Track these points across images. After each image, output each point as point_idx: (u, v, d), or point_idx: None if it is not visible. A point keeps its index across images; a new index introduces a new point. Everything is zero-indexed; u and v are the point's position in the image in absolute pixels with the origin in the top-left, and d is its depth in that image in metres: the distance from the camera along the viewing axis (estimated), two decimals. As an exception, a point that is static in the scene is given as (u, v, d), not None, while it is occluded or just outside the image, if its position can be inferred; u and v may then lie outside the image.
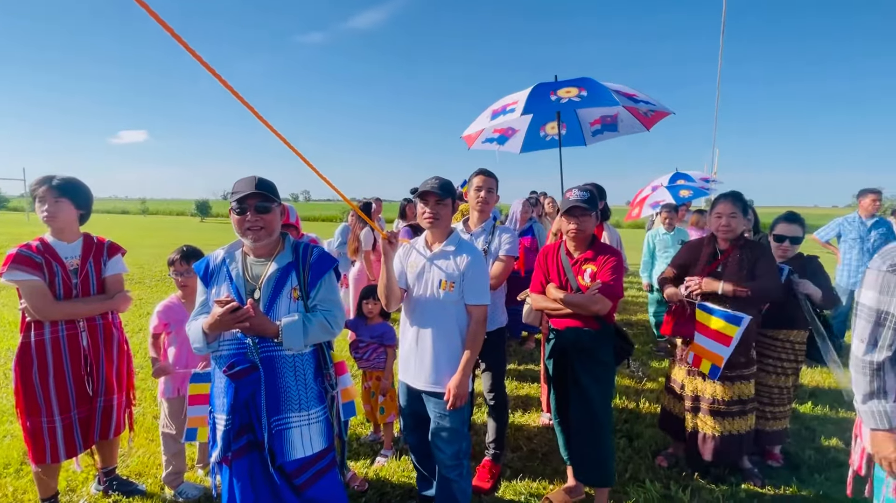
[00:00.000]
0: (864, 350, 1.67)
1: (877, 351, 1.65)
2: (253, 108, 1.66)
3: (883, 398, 1.65)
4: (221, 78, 1.56)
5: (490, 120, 3.55)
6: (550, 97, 3.25)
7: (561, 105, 3.20)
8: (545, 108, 3.36)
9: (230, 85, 1.58)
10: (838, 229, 5.59)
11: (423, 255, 2.34)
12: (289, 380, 1.88)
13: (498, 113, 3.49)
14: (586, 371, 2.54)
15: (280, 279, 1.91)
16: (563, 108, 3.38)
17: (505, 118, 3.34)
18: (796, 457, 3.20)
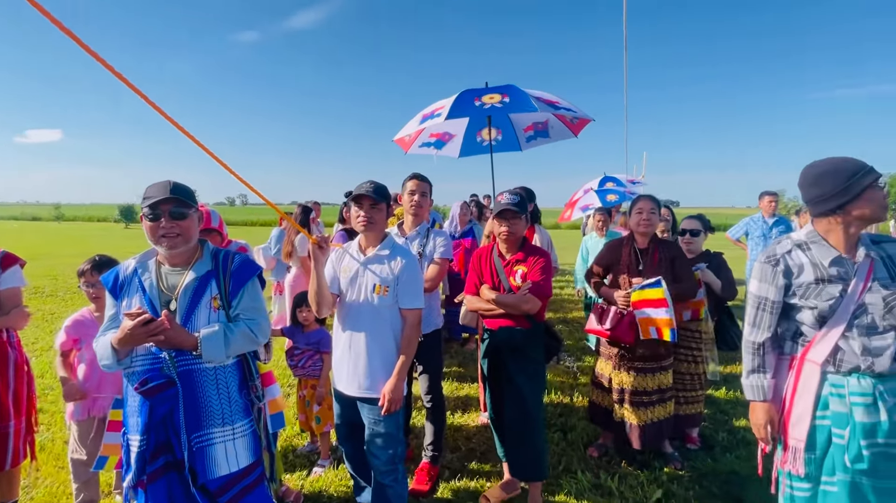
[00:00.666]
0: (749, 331, 1.90)
1: (759, 332, 1.88)
2: (161, 109, 1.58)
3: (762, 373, 1.88)
4: (122, 76, 1.47)
5: (419, 124, 3.61)
6: (475, 103, 3.36)
7: (484, 110, 3.32)
8: (469, 112, 3.48)
9: (131, 82, 1.49)
10: (746, 228, 6.13)
11: (356, 260, 2.32)
12: (210, 394, 1.79)
13: (427, 117, 3.56)
14: (519, 369, 2.63)
15: (198, 288, 1.82)
16: (486, 114, 3.51)
17: (433, 122, 3.41)
18: (711, 439, 3.47)
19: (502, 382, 2.69)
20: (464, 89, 3.72)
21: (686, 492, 2.84)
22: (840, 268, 1.73)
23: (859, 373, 1.70)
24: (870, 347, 1.68)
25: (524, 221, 2.67)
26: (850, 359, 1.70)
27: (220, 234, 3.07)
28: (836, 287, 1.72)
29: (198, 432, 1.76)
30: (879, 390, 1.68)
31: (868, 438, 1.67)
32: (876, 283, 1.68)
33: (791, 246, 1.82)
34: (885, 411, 1.66)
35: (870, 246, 1.73)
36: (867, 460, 1.67)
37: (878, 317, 1.67)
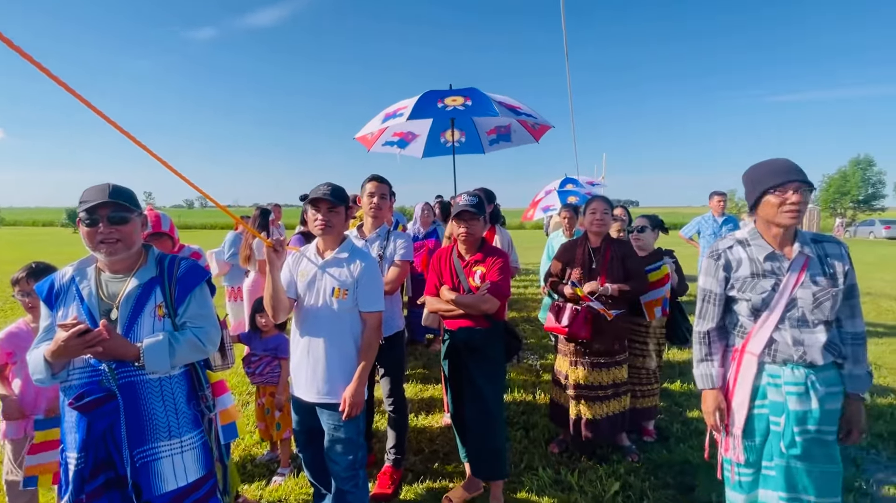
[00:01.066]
0: (697, 323, 2.01)
1: (704, 322, 1.99)
2: (97, 108, 1.50)
3: (710, 362, 1.99)
4: (55, 77, 1.39)
5: (381, 122, 3.60)
6: (437, 104, 3.38)
7: (446, 112, 3.34)
8: (431, 114, 3.49)
9: (62, 80, 1.41)
10: (697, 227, 6.39)
11: (314, 263, 2.28)
12: (155, 407, 1.71)
13: (389, 116, 3.56)
14: (479, 368, 2.64)
15: (142, 296, 1.74)
16: (448, 116, 3.53)
17: (395, 122, 3.40)
18: (666, 431, 3.59)
19: (462, 382, 2.71)
20: (428, 90, 3.73)
21: (642, 483, 2.93)
22: (774, 264, 1.83)
23: (793, 363, 1.80)
24: (801, 339, 1.78)
25: (483, 222, 2.69)
26: (783, 350, 1.81)
27: (171, 238, 2.95)
28: (769, 281, 1.82)
29: (142, 447, 1.68)
30: (811, 380, 1.78)
31: (800, 425, 1.77)
32: (808, 279, 1.78)
33: (733, 242, 1.93)
34: (816, 400, 1.76)
35: (808, 244, 1.82)
36: (800, 446, 1.77)
37: (808, 311, 1.77)
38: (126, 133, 1.62)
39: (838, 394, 1.82)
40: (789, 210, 1.74)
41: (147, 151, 1.67)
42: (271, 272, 2.11)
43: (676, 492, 2.87)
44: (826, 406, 1.79)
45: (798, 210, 1.73)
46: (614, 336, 3.03)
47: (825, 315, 1.77)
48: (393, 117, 3.53)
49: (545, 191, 8.59)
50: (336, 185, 2.25)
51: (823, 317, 1.77)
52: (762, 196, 1.79)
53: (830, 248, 1.83)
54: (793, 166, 1.77)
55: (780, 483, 1.82)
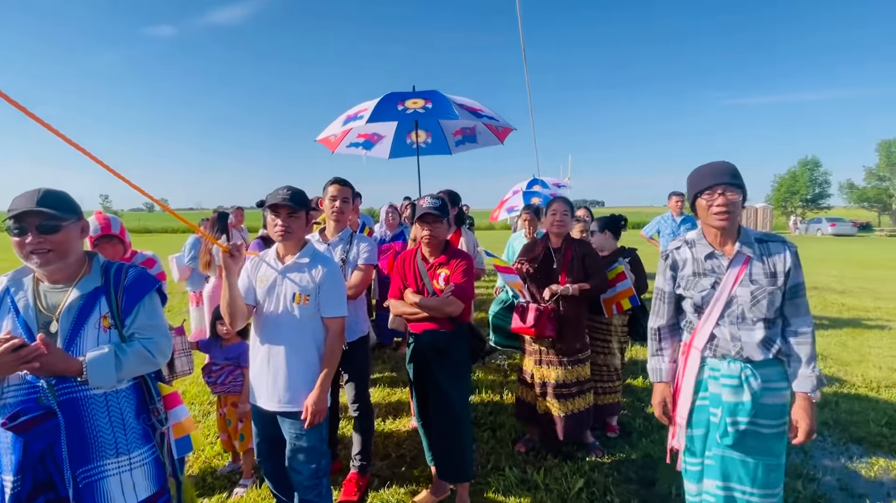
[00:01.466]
0: (650, 319, 2.09)
1: (656, 319, 2.08)
2: (40, 119, 1.42)
3: (660, 356, 2.08)
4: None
5: (343, 125, 3.56)
6: (398, 107, 3.37)
7: (407, 115, 3.34)
8: (391, 116, 3.49)
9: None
10: (657, 226, 6.59)
11: (274, 269, 2.22)
12: (101, 423, 1.63)
13: (351, 118, 3.53)
14: (444, 371, 2.64)
15: (85, 307, 1.65)
16: (409, 118, 3.53)
17: (356, 124, 3.37)
18: (629, 426, 3.68)
19: (428, 385, 2.70)
20: (390, 91, 3.71)
21: (606, 479, 2.99)
22: (714, 263, 1.91)
23: (731, 357, 1.88)
24: (738, 335, 1.86)
25: (446, 225, 2.69)
26: (723, 345, 1.89)
27: (121, 241, 2.82)
28: (709, 280, 1.90)
29: (86, 466, 1.59)
30: (745, 374, 1.85)
31: (732, 416, 1.85)
32: (746, 278, 1.84)
33: (681, 243, 2.01)
34: (749, 393, 1.83)
35: (751, 243, 1.88)
36: (732, 436, 1.85)
37: (747, 309, 1.84)
38: (64, 137, 1.54)
39: (779, 390, 1.87)
40: (717, 212, 1.80)
41: (87, 155, 1.59)
42: (228, 278, 2.04)
43: (639, 486, 2.95)
44: (763, 400, 1.84)
45: (726, 211, 1.79)
46: (577, 334, 3.10)
47: (763, 313, 1.82)
48: (354, 119, 3.50)
49: (512, 191, 8.70)
50: (296, 189, 2.20)
51: (762, 315, 1.82)
52: (695, 199, 1.88)
53: (774, 247, 1.86)
54: (723, 169, 1.83)
55: (716, 472, 1.91)
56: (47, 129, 1.51)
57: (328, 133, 3.87)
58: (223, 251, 2.00)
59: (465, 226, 3.80)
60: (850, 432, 3.61)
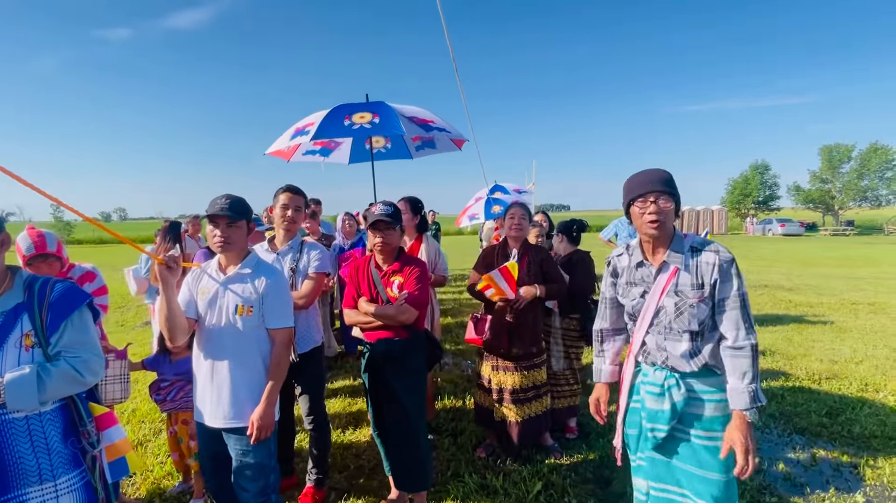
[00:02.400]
0: (595, 321, 2.16)
1: (599, 321, 2.16)
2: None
3: (600, 357, 2.16)
4: None
5: (290, 139, 3.52)
6: (344, 122, 3.37)
7: (352, 130, 3.33)
8: (337, 132, 3.48)
9: None
10: (615, 229, 6.77)
11: (215, 280, 2.15)
12: (21, 449, 1.53)
13: (299, 132, 3.50)
14: (399, 380, 2.62)
15: (4, 325, 1.56)
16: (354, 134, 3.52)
17: (303, 139, 3.34)
18: (587, 427, 3.74)
19: (382, 395, 2.67)
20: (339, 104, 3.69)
21: (563, 480, 3.03)
22: (644, 272, 1.92)
23: (658, 366, 1.92)
24: (663, 346, 1.88)
25: (398, 232, 2.68)
26: (652, 353, 1.93)
27: (58, 258, 2.68)
28: (639, 289, 1.93)
29: (5, 496, 1.49)
30: (668, 383, 1.86)
31: (651, 422, 1.90)
32: (672, 289, 1.83)
33: (622, 250, 2.04)
34: (669, 402, 1.85)
35: (682, 252, 1.82)
36: (652, 442, 1.91)
37: (672, 319, 1.84)
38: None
39: (712, 401, 1.84)
40: (648, 220, 1.78)
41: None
42: (164, 290, 1.97)
43: (595, 485, 3.00)
44: (691, 409, 1.85)
45: (657, 220, 1.76)
46: (532, 340, 3.14)
47: (686, 325, 1.79)
48: (301, 133, 3.47)
49: (475, 198, 8.75)
50: (235, 198, 2.14)
51: (686, 327, 1.79)
52: (629, 206, 1.86)
53: (705, 256, 1.79)
54: (656, 177, 1.80)
55: (648, 473, 1.98)
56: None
57: (278, 146, 3.81)
58: (158, 263, 1.93)
59: (428, 233, 3.78)
60: (794, 423, 3.79)
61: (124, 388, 2.76)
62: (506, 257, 3.23)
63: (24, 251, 2.47)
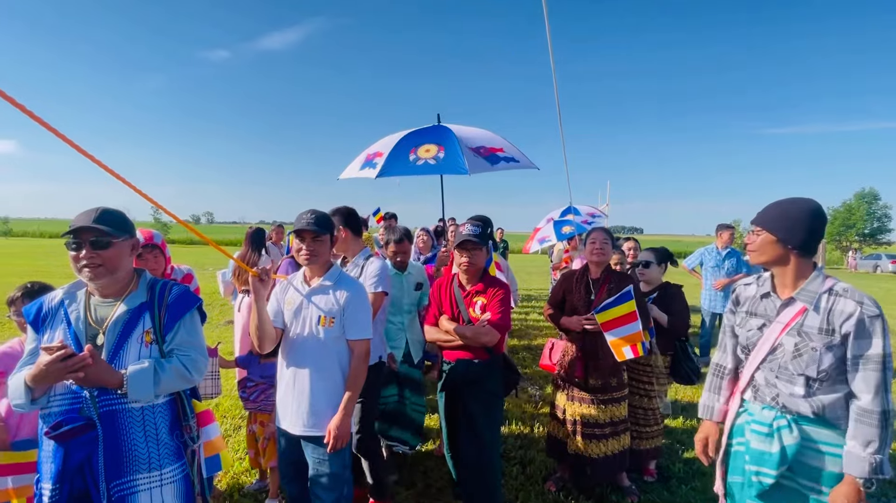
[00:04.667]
0: (716, 353, 2.03)
1: (720, 354, 2.02)
2: (58, 131, 1.50)
3: (714, 394, 2.00)
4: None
5: (359, 169, 3.63)
6: (409, 156, 3.40)
7: (417, 167, 3.35)
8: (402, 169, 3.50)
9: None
10: (700, 258, 6.34)
11: (300, 292, 2.25)
12: (136, 438, 1.66)
13: (368, 161, 3.59)
14: (476, 402, 2.59)
15: (130, 321, 1.71)
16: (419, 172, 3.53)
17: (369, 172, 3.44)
18: (667, 471, 3.47)
19: (458, 416, 2.64)
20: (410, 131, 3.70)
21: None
22: (767, 304, 1.81)
23: (767, 404, 1.78)
24: (777, 385, 1.74)
25: (485, 252, 2.67)
26: (761, 390, 1.79)
27: (163, 253, 2.94)
28: (758, 321, 1.82)
29: (120, 479, 1.62)
30: (779, 423, 1.72)
31: (757, 466, 1.74)
32: (795, 328, 1.70)
33: (752, 280, 1.93)
34: (779, 444, 1.70)
35: (813, 293, 1.69)
36: (757, 488, 1.74)
37: (788, 360, 1.71)
38: (87, 154, 1.61)
39: (829, 455, 1.68)
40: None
41: (97, 162, 1.66)
42: (256, 302, 2.08)
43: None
44: (806, 459, 1.70)
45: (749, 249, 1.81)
46: (611, 372, 2.97)
47: (803, 369, 1.67)
48: (369, 165, 3.54)
49: (546, 219, 8.59)
50: (320, 213, 2.24)
51: (802, 371, 1.67)
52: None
53: (844, 304, 1.63)
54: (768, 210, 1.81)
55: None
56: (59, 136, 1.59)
57: (348, 174, 3.90)
58: (252, 276, 2.04)
59: (496, 251, 3.74)
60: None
61: (216, 384, 2.95)
62: (586, 284, 3.09)
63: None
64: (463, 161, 3.29)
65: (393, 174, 3.60)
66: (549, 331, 7.80)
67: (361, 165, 3.66)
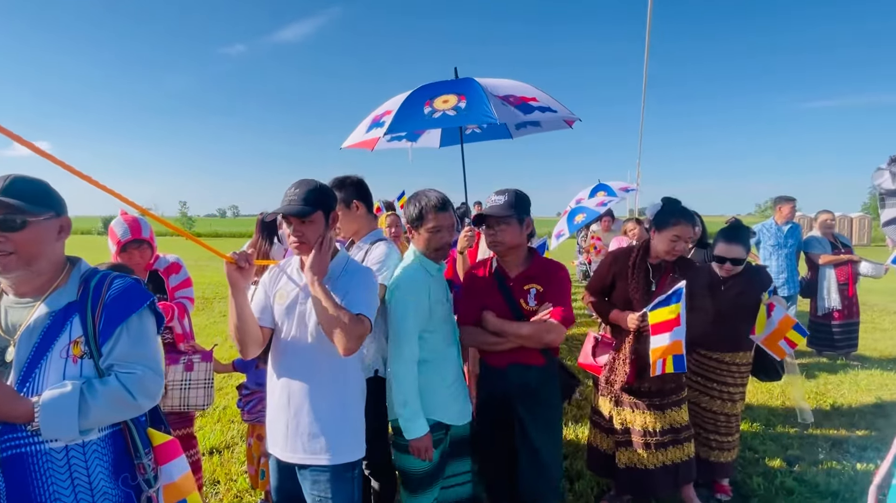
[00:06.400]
0: None
1: None
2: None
3: None
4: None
5: (365, 132, 3.07)
6: (424, 109, 2.81)
7: (434, 120, 2.77)
8: (416, 123, 2.91)
9: None
10: (758, 236, 5.63)
11: (295, 283, 1.76)
12: (59, 489, 1.21)
13: (375, 122, 3.03)
14: (535, 420, 2.08)
15: (51, 328, 1.25)
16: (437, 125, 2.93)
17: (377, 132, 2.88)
18: (744, 486, 2.90)
19: (514, 439, 2.10)
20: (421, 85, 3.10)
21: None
22: None
23: None
24: None
25: (518, 226, 2.08)
26: None
27: (150, 246, 2.53)
28: None
29: None
30: None
31: None
32: None
33: None
34: None
35: None
36: None
37: None
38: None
39: None
40: None
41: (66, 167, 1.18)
42: (234, 296, 1.61)
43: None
44: None
45: None
46: (670, 376, 2.40)
47: None
48: (377, 125, 2.97)
49: (575, 200, 7.97)
50: (310, 187, 1.69)
51: None
52: None
53: None
54: None
55: None
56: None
57: (354, 139, 3.34)
58: (227, 262, 1.57)
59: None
60: None
61: (208, 394, 2.51)
62: (645, 271, 2.50)
63: (120, 236, 2.38)
64: (489, 108, 2.71)
65: (405, 129, 3.05)
66: (583, 321, 7.21)
67: (368, 128, 3.12)
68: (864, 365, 5.22)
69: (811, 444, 3.43)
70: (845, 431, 3.64)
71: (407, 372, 1.88)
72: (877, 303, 8.39)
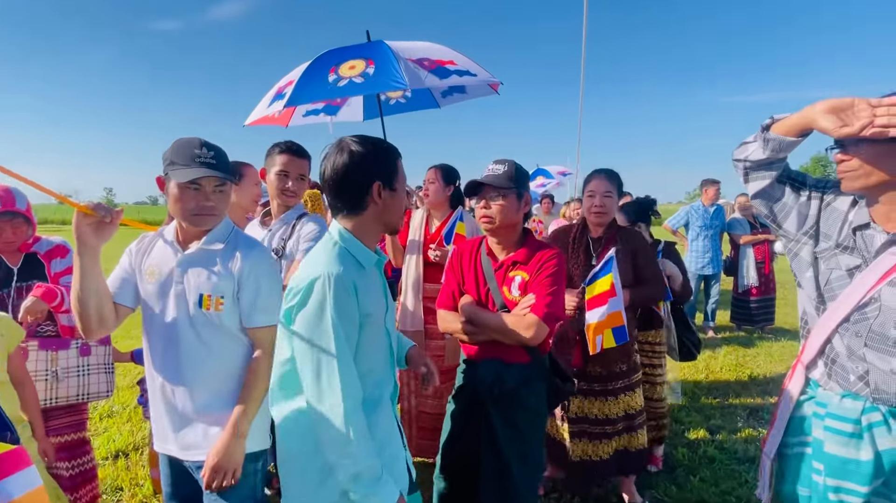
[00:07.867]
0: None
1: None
2: None
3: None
4: None
5: (268, 106, 2.80)
6: (329, 76, 2.56)
7: (339, 89, 2.53)
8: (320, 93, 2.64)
9: None
10: (686, 217, 5.86)
11: (172, 255, 1.50)
12: None
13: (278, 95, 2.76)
14: (507, 425, 1.77)
15: None
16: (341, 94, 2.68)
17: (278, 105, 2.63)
18: (671, 458, 2.98)
19: (479, 444, 1.81)
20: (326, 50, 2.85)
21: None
22: (866, 238, 1.24)
23: (849, 392, 1.26)
24: (867, 357, 1.22)
25: (516, 202, 1.79)
26: (841, 366, 1.27)
27: (27, 222, 2.17)
28: (851, 260, 1.25)
29: None
30: (870, 419, 1.23)
31: (838, 478, 1.26)
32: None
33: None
34: (872, 449, 1.22)
35: None
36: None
37: (887, 322, 1.19)
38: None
39: None
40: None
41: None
42: (81, 256, 1.33)
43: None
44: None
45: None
46: (618, 356, 2.30)
47: None
48: (279, 98, 2.68)
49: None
50: (218, 148, 1.47)
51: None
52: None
53: None
54: None
55: None
56: None
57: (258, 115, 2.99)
58: (79, 212, 1.28)
59: (463, 209, 2.98)
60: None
61: (109, 381, 2.22)
62: (586, 246, 2.42)
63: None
64: (400, 72, 2.46)
65: (307, 100, 2.74)
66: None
67: (270, 101, 2.82)
68: (777, 337, 5.61)
69: (731, 414, 3.60)
70: (761, 400, 3.87)
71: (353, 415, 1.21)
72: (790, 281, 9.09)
